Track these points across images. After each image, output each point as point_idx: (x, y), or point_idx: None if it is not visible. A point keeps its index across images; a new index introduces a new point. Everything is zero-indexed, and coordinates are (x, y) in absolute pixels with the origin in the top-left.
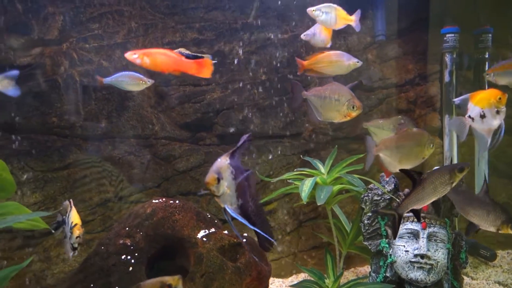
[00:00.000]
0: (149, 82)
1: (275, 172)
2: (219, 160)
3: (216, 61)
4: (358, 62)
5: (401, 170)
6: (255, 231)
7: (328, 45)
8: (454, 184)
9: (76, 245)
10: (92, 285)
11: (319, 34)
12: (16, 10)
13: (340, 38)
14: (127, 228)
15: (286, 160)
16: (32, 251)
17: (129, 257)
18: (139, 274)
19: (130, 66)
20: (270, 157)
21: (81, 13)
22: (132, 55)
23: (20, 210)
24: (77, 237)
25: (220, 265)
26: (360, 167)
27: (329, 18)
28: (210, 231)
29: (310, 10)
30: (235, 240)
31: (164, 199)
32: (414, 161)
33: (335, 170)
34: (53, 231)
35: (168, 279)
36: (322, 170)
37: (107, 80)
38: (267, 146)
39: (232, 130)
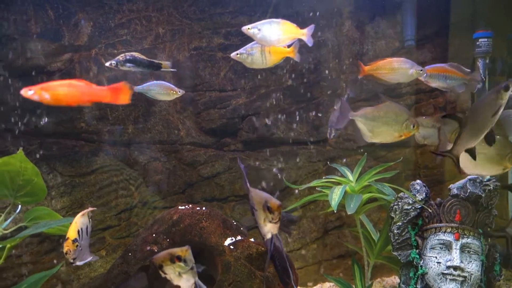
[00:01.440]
0: (180, 92)
1: (300, 178)
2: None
3: (175, 70)
4: (421, 70)
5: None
6: (276, 268)
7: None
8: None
9: (70, 260)
10: None
11: (259, 52)
12: (47, 17)
13: (368, 43)
14: (153, 235)
15: (312, 167)
16: (59, 256)
17: None
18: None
19: (157, 71)
20: (295, 163)
21: (110, 19)
22: (27, 92)
23: (51, 215)
24: (65, 253)
25: (248, 274)
26: (389, 175)
27: (268, 36)
28: (237, 239)
29: (245, 28)
30: (262, 248)
31: (190, 205)
32: (491, 169)
33: (364, 178)
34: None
35: (176, 250)
36: (350, 177)
37: (138, 88)
38: (292, 153)
39: (257, 136)
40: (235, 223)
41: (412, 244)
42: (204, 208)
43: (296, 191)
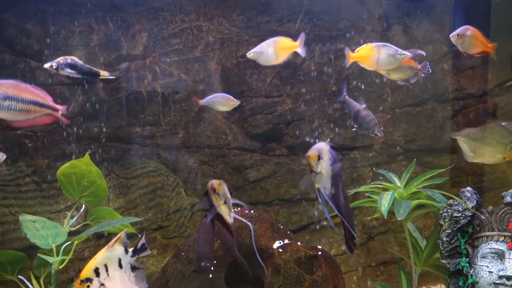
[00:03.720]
0: (237, 102)
1: (345, 184)
2: (319, 143)
3: (114, 77)
4: None
5: None
6: (343, 226)
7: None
8: None
9: None
10: None
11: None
12: (108, 29)
13: (415, 47)
14: (197, 242)
15: (356, 172)
16: None
17: (208, 264)
18: (218, 281)
19: (206, 79)
20: None
21: (164, 29)
22: None
23: (112, 214)
24: None
25: (297, 277)
26: (439, 181)
27: (267, 56)
28: (285, 242)
29: (248, 54)
30: (311, 252)
31: (239, 208)
32: (492, 158)
33: (413, 185)
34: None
35: (214, 182)
36: (398, 183)
37: (203, 101)
38: None
39: (301, 141)
40: (282, 227)
41: (461, 253)
42: (252, 211)
43: None
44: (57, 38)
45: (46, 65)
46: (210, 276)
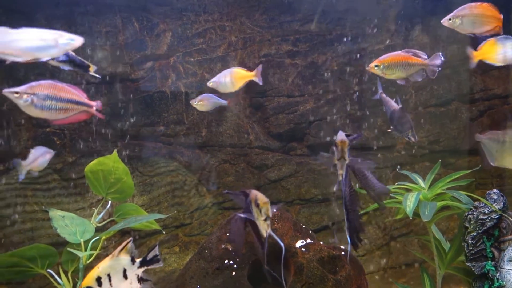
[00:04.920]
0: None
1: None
2: (340, 132)
3: (99, 76)
4: None
5: None
6: (346, 219)
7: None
8: None
9: None
10: (198, 286)
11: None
12: (134, 29)
13: (439, 47)
14: (227, 234)
15: (378, 173)
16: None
17: (231, 262)
18: (242, 279)
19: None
20: None
21: (188, 29)
22: None
23: (138, 211)
24: None
25: (320, 276)
26: (464, 183)
27: (225, 84)
28: (308, 242)
29: (209, 83)
30: (334, 252)
31: None
32: None
33: (438, 186)
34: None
35: (259, 197)
36: (422, 184)
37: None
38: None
39: (323, 141)
40: (303, 226)
41: (487, 256)
42: (275, 210)
43: (362, 197)
44: (84, 38)
45: None
46: (233, 274)
